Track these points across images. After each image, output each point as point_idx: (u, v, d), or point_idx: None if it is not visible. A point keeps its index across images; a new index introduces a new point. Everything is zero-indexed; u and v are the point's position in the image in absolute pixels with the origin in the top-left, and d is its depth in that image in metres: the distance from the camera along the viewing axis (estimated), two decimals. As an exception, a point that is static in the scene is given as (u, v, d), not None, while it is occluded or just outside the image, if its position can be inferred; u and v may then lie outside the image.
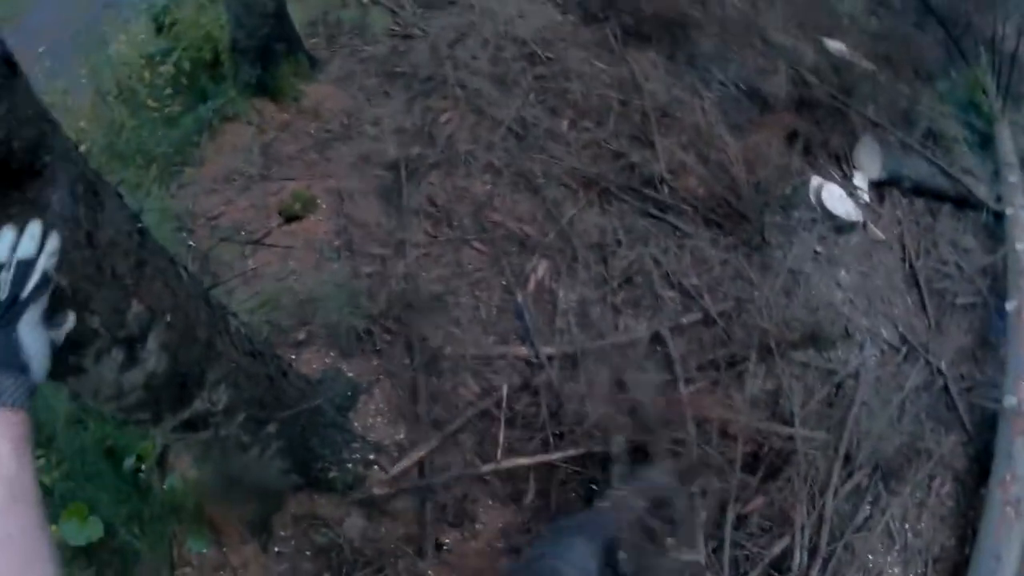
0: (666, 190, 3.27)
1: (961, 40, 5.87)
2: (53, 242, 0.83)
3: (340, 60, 3.75)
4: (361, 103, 3.57)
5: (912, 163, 4.35)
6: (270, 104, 3.43)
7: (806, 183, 3.64)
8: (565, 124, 3.41)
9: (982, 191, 4.61)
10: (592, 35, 3.98)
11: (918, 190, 4.33)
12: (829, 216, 3.58)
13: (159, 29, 3.71)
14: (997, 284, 4.02)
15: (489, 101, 3.36)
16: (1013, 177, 4.97)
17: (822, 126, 3.96)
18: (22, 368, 0.76)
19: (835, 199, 3.63)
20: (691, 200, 3.28)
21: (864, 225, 3.79)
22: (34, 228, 0.82)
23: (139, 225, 1.15)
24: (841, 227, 3.62)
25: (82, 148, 3.20)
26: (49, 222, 0.84)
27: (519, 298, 2.84)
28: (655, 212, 3.22)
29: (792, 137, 3.77)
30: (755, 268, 3.28)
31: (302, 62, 3.56)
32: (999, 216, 4.50)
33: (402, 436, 2.47)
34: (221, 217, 3.03)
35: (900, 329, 3.51)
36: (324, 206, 3.06)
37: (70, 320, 0.91)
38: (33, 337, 0.79)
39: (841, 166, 4.00)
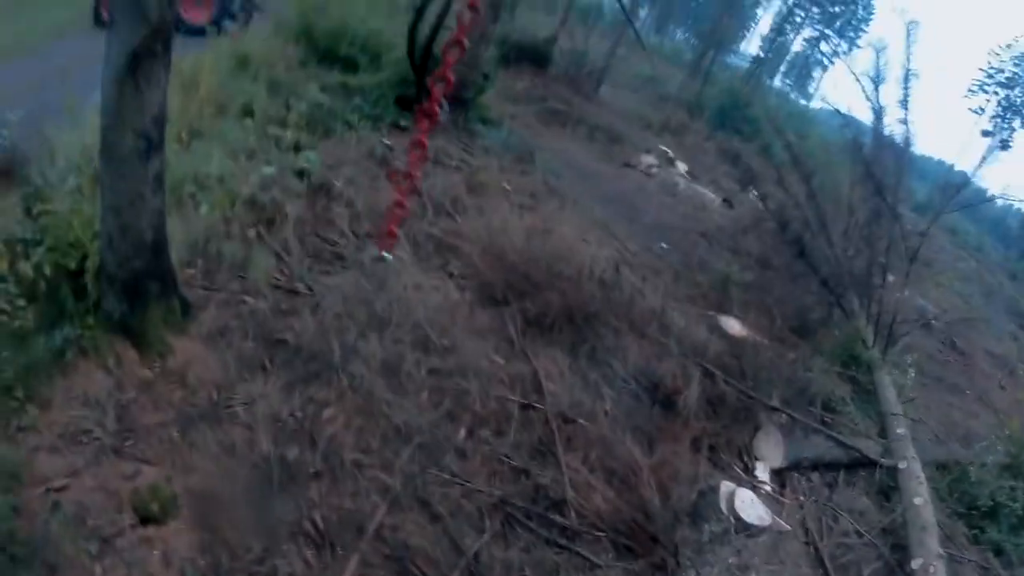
0: (573, 514, 3.09)
1: (842, 298, 6.46)
2: None
3: (216, 309, 3.41)
4: (234, 376, 3.19)
5: (810, 443, 4.53)
6: (132, 352, 3.01)
7: (715, 489, 3.60)
8: (463, 433, 3.24)
9: (873, 450, 4.80)
10: (490, 321, 3.97)
11: (815, 466, 4.46)
12: (743, 525, 3.50)
13: (27, 211, 3.22)
14: (898, 542, 4.05)
15: (380, 399, 3.14)
16: (900, 428, 5.21)
17: (724, 423, 4.05)
18: None
19: (747, 505, 3.60)
20: (600, 524, 3.11)
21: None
22: None
23: None
24: (753, 533, 3.53)
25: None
26: None
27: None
28: (563, 542, 3.00)
29: (696, 441, 3.80)
30: (669, 593, 3.06)
31: (174, 308, 3.17)
32: (893, 471, 4.67)
33: None
34: (64, 491, 2.48)
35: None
36: (186, 511, 2.60)
37: None
38: None
39: (743, 459, 4.04)
